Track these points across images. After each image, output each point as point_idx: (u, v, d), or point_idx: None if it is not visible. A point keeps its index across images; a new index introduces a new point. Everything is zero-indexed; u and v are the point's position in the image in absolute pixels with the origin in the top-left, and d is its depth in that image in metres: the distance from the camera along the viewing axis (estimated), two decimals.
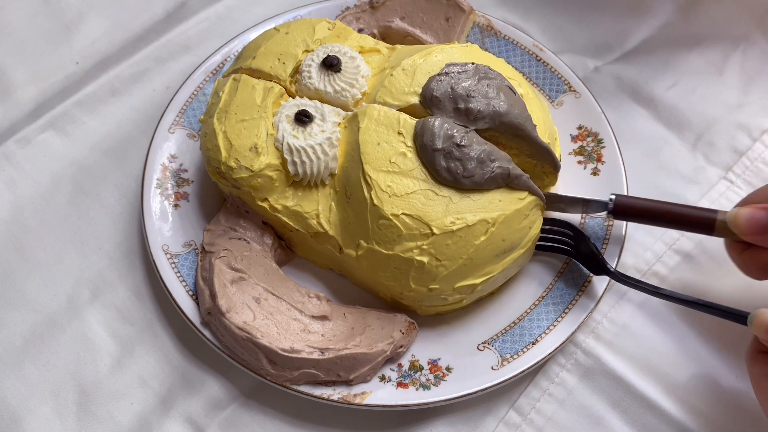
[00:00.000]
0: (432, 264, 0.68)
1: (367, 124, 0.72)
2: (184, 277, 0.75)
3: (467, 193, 0.69)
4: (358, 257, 0.71)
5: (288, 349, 0.68)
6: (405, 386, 0.70)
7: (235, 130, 0.73)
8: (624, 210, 0.72)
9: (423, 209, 0.68)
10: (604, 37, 0.92)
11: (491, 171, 0.69)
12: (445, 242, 0.68)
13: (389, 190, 0.69)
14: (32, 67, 0.93)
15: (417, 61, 0.75)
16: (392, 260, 0.69)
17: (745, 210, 0.66)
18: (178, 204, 0.80)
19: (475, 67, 0.73)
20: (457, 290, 0.70)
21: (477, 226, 0.68)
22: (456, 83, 0.72)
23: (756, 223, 0.65)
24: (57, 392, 0.74)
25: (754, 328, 0.61)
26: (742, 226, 0.65)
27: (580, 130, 0.82)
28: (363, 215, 0.70)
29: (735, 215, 0.66)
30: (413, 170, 0.70)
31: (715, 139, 0.85)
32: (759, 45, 0.90)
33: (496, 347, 0.72)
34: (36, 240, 0.82)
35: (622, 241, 0.75)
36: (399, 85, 0.74)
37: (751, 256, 0.67)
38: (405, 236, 0.68)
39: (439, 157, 0.69)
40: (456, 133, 0.69)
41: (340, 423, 0.72)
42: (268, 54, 0.78)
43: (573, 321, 0.72)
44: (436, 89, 0.72)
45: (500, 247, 0.70)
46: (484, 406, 0.73)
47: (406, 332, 0.71)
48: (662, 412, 0.71)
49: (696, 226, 0.70)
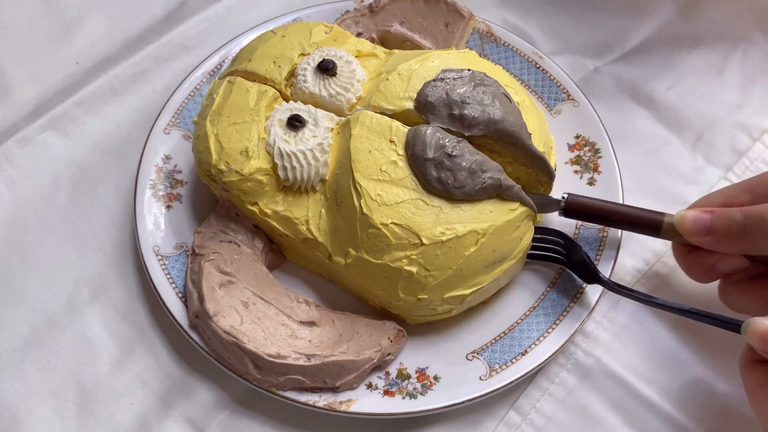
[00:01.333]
0: (421, 274, 0.68)
1: (359, 131, 0.71)
2: (175, 279, 0.75)
3: (458, 204, 0.69)
4: (347, 265, 0.70)
5: (274, 355, 0.68)
6: (392, 394, 0.70)
7: (226, 133, 0.73)
8: (574, 209, 0.73)
9: (413, 219, 0.68)
10: (604, 38, 0.91)
11: (482, 181, 0.69)
12: (434, 252, 0.68)
13: (379, 198, 0.69)
14: (32, 67, 0.93)
15: (413, 66, 0.74)
16: (381, 269, 0.69)
17: (692, 212, 0.68)
18: (170, 205, 0.80)
19: (471, 73, 0.73)
20: (446, 300, 0.70)
21: (467, 236, 0.68)
22: (451, 89, 0.71)
23: (700, 225, 0.67)
24: (57, 392, 0.74)
25: (747, 337, 0.60)
26: (688, 228, 0.68)
27: (577, 140, 0.82)
28: (352, 223, 0.69)
29: (681, 217, 0.69)
30: (404, 179, 0.69)
31: (715, 139, 0.85)
32: (759, 45, 0.89)
33: (485, 357, 0.71)
34: (36, 240, 0.82)
35: (617, 248, 0.75)
36: (394, 89, 0.74)
37: (695, 259, 0.70)
38: (394, 246, 0.68)
39: (430, 166, 0.68)
40: (447, 143, 0.69)
41: (335, 430, 0.72)
42: (264, 57, 0.78)
43: (564, 331, 0.72)
44: (430, 95, 0.71)
45: (490, 258, 0.69)
46: (484, 406, 0.73)
47: (394, 340, 0.71)
48: (662, 413, 0.70)
49: (644, 227, 0.72)
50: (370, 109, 0.74)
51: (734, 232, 0.66)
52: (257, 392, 0.71)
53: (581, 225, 0.77)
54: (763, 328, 0.59)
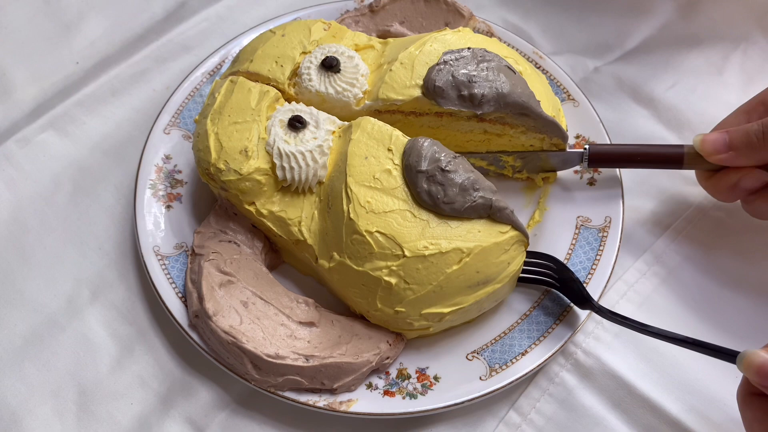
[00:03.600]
0: (400, 286, 0.67)
1: (359, 136, 0.71)
2: (174, 279, 0.75)
3: (446, 220, 0.68)
4: (330, 269, 0.70)
5: (273, 355, 0.68)
6: (392, 395, 0.69)
7: (227, 132, 0.73)
8: (598, 158, 0.76)
9: (398, 230, 0.67)
10: (604, 37, 0.92)
11: (473, 200, 0.68)
12: (415, 266, 0.67)
13: (368, 205, 0.68)
14: (32, 67, 0.93)
15: (413, 52, 0.74)
16: (361, 277, 0.68)
17: (710, 134, 0.73)
18: (170, 205, 0.80)
19: (471, 51, 0.73)
20: (423, 317, 0.69)
21: (450, 254, 0.67)
22: (456, 70, 0.72)
23: (719, 143, 0.72)
24: (57, 392, 0.74)
25: (743, 370, 0.59)
26: (708, 148, 0.72)
27: (577, 139, 0.82)
28: (339, 227, 0.69)
29: (701, 141, 0.73)
30: (395, 189, 0.69)
31: None
32: (759, 45, 0.89)
33: (485, 357, 0.71)
34: (36, 240, 0.82)
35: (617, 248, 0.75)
36: (400, 79, 0.74)
37: (719, 180, 0.74)
38: (376, 254, 0.67)
39: (421, 178, 0.68)
40: (443, 157, 0.69)
41: (335, 430, 0.72)
42: (266, 57, 0.78)
43: (564, 331, 0.72)
44: (437, 79, 0.71)
45: (473, 279, 0.68)
46: (484, 406, 0.72)
47: (393, 343, 0.71)
48: (662, 413, 0.70)
49: (667, 162, 0.76)
50: (379, 102, 0.74)
51: (753, 143, 0.70)
52: (257, 392, 0.70)
53: (581, 225, 0.77)
54: (759, 360, 0.58)
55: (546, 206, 0.80)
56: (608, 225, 0.76)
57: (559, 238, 0.77)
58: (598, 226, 0.77)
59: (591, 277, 0.74)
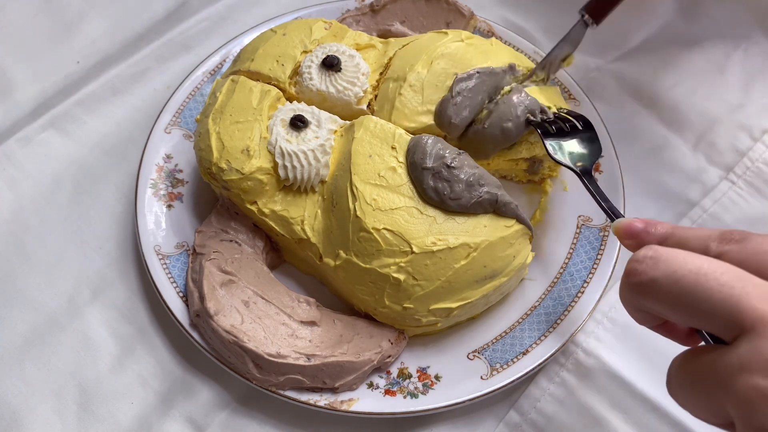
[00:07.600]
0: (408, 282, 0.68)
1: (362, 134, 0.72)
2: (175, 278, 0.75)
3: (453, 216, 0.69)
4: (335, 267, 0.70)
5: (274, 354, 0.68)
6: (393, 394, 0.70)
7: (228, 131, 0.73)
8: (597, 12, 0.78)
9: (405, 226, 0.68)
10: (605, 37, 0.91)
11: (479, 195, 0.68)
12: (424, 262, 0.67)
13: (374, 203, 0.68)
14: (33, 67, 0.93)
15: (421, 73, 0.75)
16: (369, 274, 0.68)
17: None
18: (171, 204, 0.80)
19: (479, 78, 0.74)
20: (431, 312, 0.69)
21: (458, 249, 0.68)
22: (471, 106, 0.74)
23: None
24: (57, 392, 0.74)
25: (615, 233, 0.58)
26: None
27: None
28: (345, 226, 0.69)
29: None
30: (401, 186, 0.69)
31: (717, 139, 0.85)
32: (760, 45, 0.89)
33: (486, 356, 0.71)
34: (36, 239, 0.82)
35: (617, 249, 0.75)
36: (411, 105, 0.74)
37: None
38: (384, 251, 0.68)
39: (427, 176, 0.68)
40: (447, 154, 0.69)
41: (336, 429, 0.72)
42: (267, 56, 0.78)
43: (565, 331, 0.72)
44: (453, 116, 0.73)
45: (480, 273, 0.69)
46: (485, 406, 0.72)
47: (395, 342, 0.71)
48: (663, 412, 0.70)
49: None
50: None
51: None
52: (258, 391, 0.70)
53: (582, 225, 0.77)
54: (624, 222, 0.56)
55: (547, 206, 0.80)
56: (609, 224, 0.76)
57: (560, 237, 0.77)
58: (599, 225, 0.77)
59: (592, 276, 0.74)
